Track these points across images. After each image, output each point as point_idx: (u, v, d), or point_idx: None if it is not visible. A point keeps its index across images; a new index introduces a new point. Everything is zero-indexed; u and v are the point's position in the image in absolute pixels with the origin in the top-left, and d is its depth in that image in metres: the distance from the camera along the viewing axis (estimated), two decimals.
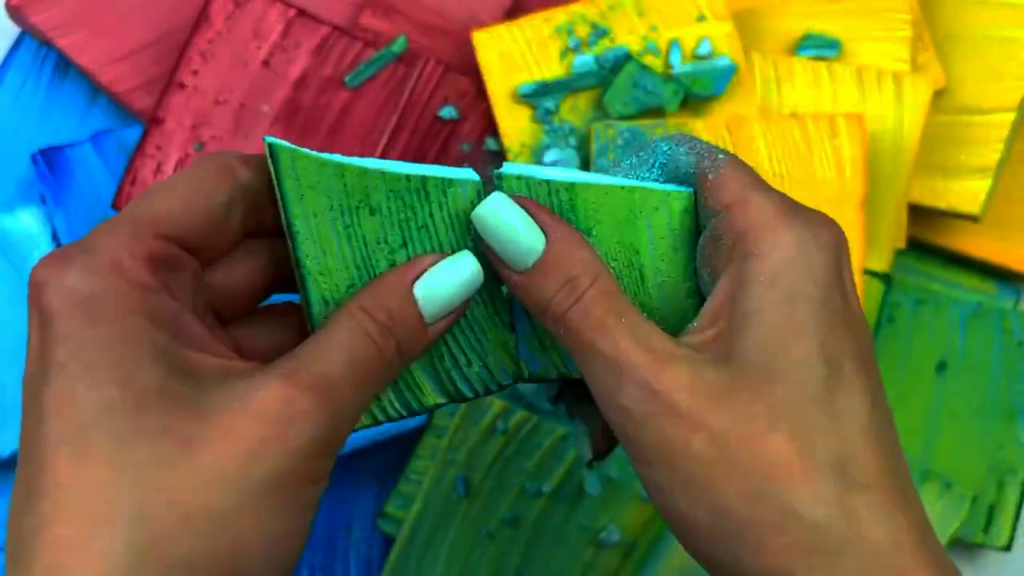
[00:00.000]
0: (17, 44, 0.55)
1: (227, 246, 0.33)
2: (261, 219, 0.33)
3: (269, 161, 0.32)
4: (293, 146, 0.32)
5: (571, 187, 0.34)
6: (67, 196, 0.51)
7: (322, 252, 0.33)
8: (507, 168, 0.34)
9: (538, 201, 0.34)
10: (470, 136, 0.53)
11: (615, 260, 0.35)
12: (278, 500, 0.29)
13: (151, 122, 0.50)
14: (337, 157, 0.33)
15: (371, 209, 0.33)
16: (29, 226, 0.51)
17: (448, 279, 0.33)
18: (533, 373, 0.36)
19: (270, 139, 0.32)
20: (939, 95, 0.55)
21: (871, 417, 0.31)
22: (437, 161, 0.53)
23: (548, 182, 0.34)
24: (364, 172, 0.33)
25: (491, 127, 0.54)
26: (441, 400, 0.36)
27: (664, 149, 0.36)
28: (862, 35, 0.54)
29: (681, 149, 0.35)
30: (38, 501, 0.27)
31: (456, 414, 0.52)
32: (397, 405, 0.35)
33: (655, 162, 0.36)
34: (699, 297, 0.35)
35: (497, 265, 0.34)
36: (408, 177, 0.34)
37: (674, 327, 0.34)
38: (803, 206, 0.33)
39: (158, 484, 0.27)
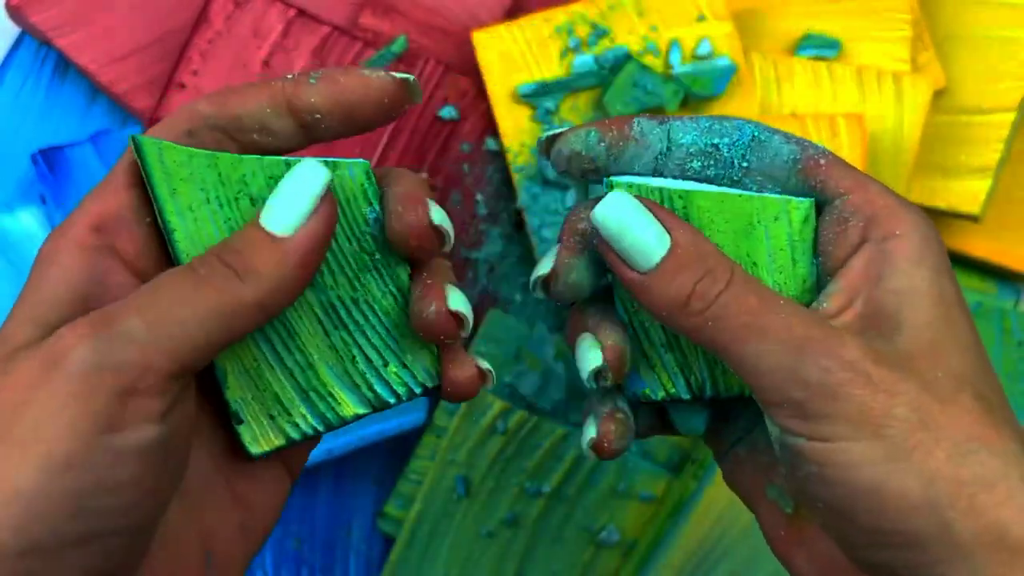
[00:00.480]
0: (17, 44, 0.55)
1: None
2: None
3: (136, 157, 0.31)
4: (160, 140, 0.31)
5: (686, 194, 0.34)
6: (67, 196, 0.51)
7: (204, 249, 0.31)
8: (616, 178, 0.34)
9: None
10: (470, 136, 0.53)
11: None
12: (42, 452, 0.27)
13: (151, 122, 0.50)
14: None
15: (251, 199, 0.32)
16: (29, 226, 0.51)
17: (286, 184, 0.31)
18: (635, 394, 0.35)
19: (135, 134, 0.31)
20: (939, 95, 0.55)
21: (996, 377, 0.33)
22: (437, 161, 0.53)
23: (660, 189, 0.34)
24: (239, 160, 0.32)
25: (491, 127, 0.54)
26: (360, 410, 0.34)
27: (752, 131, 0.35)
28: (862, 35, 0.54)
29: (777, 136, 0.35)
30: None
31: (456, 414, 0.52)
32: (311, 418, 0.34)
33: (738, 140, 0.35)
34: None
35: (616, 267, 0.33)
36: (287, 162, 0.32)
37: None
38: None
39: None
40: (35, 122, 0.54)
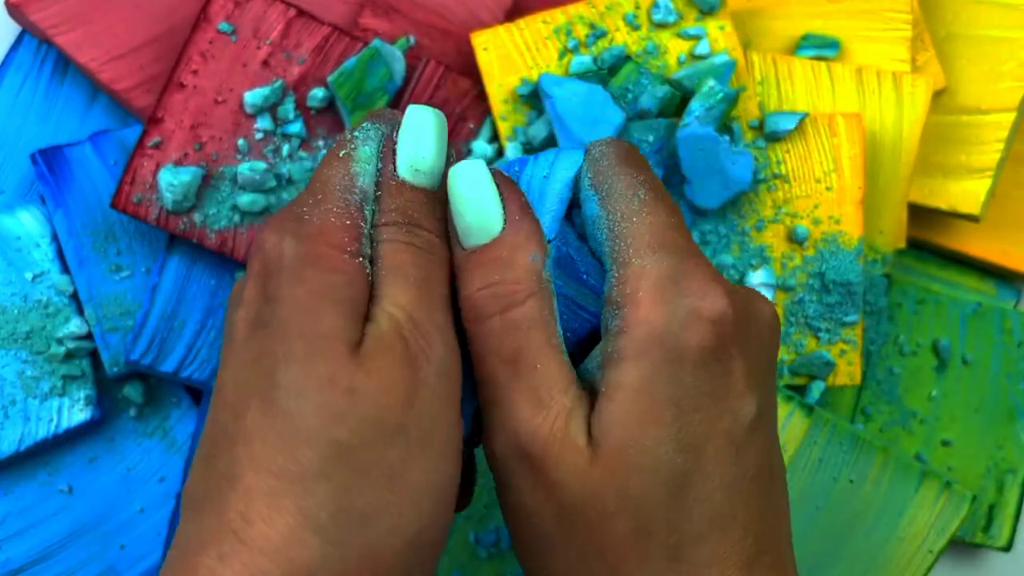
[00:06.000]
0: (17, 43, 0.55)
1: None
2: None
3: None
4: None
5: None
6: (67, 196, 0.51)
7: None
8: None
9: None
10: (471, 137, 0.53)
11: None
12: (441, 452, 0.31)
13: (150, 121, 0.50)
14: None
15: None
16: (29, 226, 0.51)
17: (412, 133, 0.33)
18: None
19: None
20: (939, 95, 0.55)
21: (727, 500, 0.31)
22: None
23: None
24: None
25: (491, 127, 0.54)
26: None
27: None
28: (862, 35, 0.54)
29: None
30: (231, 446, 0.29)
31: None
32: None
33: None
34: None
35: (450, 230, 0.33)
36: None
37: None
38: (701, 272, 0.32)
39: (328, 436, 0.29)
40: (35, 122, 0.54)
